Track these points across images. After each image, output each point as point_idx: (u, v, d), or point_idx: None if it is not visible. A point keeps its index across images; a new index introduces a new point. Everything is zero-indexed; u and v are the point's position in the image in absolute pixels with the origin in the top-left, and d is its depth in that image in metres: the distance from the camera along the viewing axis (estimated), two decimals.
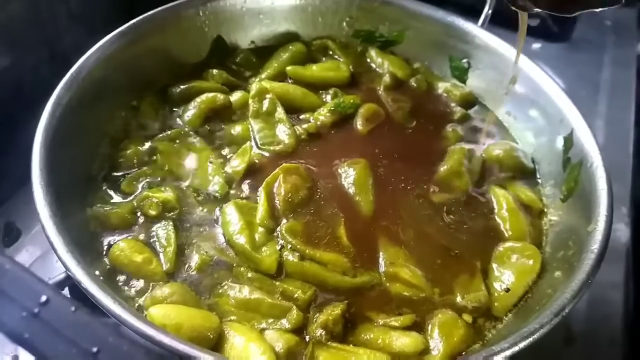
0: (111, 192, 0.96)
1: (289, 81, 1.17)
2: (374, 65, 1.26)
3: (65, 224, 0.80)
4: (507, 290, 0.88)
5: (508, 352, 0.70)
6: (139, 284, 0.85)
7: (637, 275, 1.13)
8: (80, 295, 0.73)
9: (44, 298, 0.51)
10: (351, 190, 0.98)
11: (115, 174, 0.98)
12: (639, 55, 1.66)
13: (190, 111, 1.08)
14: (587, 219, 0.87)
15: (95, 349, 0.49)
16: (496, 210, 0.99)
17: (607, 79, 1.58)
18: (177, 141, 1.04)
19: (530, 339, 0.72)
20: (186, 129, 1.06)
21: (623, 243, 1.17)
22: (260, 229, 0.90)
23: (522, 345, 0.71)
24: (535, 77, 1.09)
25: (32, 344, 0.50)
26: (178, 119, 1.09)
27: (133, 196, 0.95)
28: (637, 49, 1.68)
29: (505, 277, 0.89)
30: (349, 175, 1.00)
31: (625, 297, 1.10)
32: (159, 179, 0.98)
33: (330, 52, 1.26)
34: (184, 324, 0.76)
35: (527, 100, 1.11)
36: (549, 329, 0.73)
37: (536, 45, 1.64)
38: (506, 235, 0.96)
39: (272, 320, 0.81)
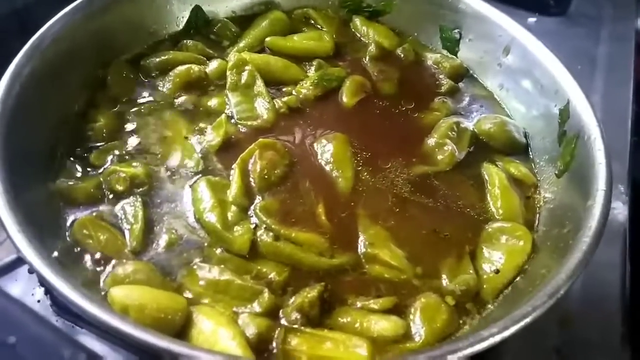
0: (77, 167, 0.91)
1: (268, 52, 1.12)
2: (358, 35, 1.20)
3: (23, 200, 0.76)
4: (497, 271, 0.83)
5: (498, 337, 0.65)
6: (103, 263, 0.80)
7: (634, 256, 1.08)
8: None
9: None
10: (329, 167, 0.93)
11: (82, 147, 0.94)
12: (637, 29, 1.61)
13: (165, 84, 1.04)
14: (583, 195, 0.83)
15: (13, 340, 0.42)
16: (487, 189, 0.94)
17: (604, 54, 1.53)
18: (150, 114, 1.00)
19: (522, 323, 0.67)
20: (160, 102, 1.02)
21: (620, 222, 1.12)
22: (233, 208, 0.85)
23: (513, 329, 0.66)
24: (529, 46, 1.05)
25: None
26: (152, 91, 1.04)
27: (100, 170, 0.90)
28: (635, 24, 1.63)
29: (495, 259, 0.85)
30: (326, 150, 0.95)
31: (622, 278, 1.05)
32: (130, 153, 0.93)
33: (312, 22, 1.21)
34: (147, 305, 0.71)
35: (520, 71, 1.06)
36: (542, 311, 0.68)
37: (532, 19, 1.58)
38: (497, 215, 0.91)
39: (242, 303, 0.76)
